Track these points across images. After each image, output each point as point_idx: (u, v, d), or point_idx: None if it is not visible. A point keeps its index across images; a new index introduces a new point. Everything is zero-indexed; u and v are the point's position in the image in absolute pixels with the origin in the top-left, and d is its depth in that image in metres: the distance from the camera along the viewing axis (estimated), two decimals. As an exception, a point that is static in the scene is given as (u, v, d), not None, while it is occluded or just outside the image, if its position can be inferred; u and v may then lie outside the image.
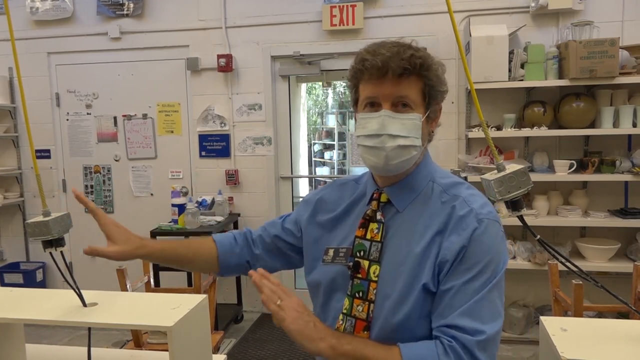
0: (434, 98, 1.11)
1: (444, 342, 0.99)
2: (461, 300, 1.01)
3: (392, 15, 3.69)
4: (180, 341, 1.00)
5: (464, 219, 1.04)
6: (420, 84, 1.08)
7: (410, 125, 1.07)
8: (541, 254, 3.32)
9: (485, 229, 1.03)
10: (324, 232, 1.24)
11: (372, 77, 1.06)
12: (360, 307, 1.11)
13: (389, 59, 1.03)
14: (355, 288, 1.12)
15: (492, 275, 1.02)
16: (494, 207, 1.10)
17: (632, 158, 3.30)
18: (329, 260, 1.18)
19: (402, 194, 1.14)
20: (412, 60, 1.04)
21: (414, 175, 1.14)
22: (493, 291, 1.02)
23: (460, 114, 3.66)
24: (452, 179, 1.16)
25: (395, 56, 1.03)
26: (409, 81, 1.06)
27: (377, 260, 1.10)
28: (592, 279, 0.94)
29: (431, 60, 1.08)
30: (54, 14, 4.13)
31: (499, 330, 1.02)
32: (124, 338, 3.51)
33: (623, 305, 0.97)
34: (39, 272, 4.30)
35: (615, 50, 3.07)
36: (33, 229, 1.08)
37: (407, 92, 1.06)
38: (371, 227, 1.14)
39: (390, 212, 1.14)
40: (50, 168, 4.31)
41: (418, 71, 1.06)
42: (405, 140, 1.06)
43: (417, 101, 1.08)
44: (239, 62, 3.95)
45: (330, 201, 1.27)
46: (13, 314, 1.08)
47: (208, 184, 4.08)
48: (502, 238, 1.07)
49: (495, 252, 1.03)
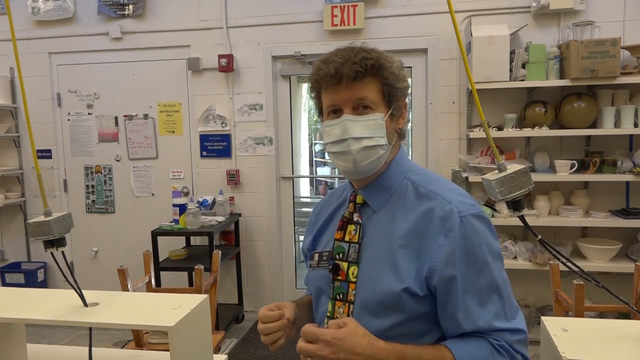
0: (394, 96, 1.11)
1: (492, 342, 1.01)
2: (480, 301, 1.01)
3: (393, 15, 3.69)
4: (181, 341, 1.00)
5: (447, 220, 1.03)
6: (377, 83, 1.08)
7: (372, 126, 1.07)
8: (542, 254, 3.32)
9: (472, 226, 1.03)
10: (317, 238, 1.26)
11: (328, 85, 1.08)
12: (341, 309, 1.11)
13: (342, 65, 1.05)
14: (336, 290, 1.13)
15: (495, 268, 1.03)
16: (478, 202, 1.10)
17: (633, 158, 3.30)
18: (315, 264, 1.20)
19: (376, 194, 1.14)
20: (363, 62, 1.05)
21: (387, 174, 1.14)
22: (506, 285, 1.05)
23: (461, 114, 3.66)
24: (426, 175, 1.15)
25: (348, 61, 1.05)
26: (365, 83, 1.07)
27: (356, 261, 1.11)
28: (593, 279, 0.93)
29: (384, 59, 1.08)
30: (55, 14, 4.14)
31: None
32: (125, 338, 3.52)
33: (624, 306, 0.97)
34: (40, 272, 4.31)
35: (617, 50, 3.06)
36: (34, 228, 1.08)
37: (365, 93, 1.07)
38: (349, 229, 1.14)
39: (367, 212, 1.14)
40: (52, 168, 4.32)
41: (371, 72, 1.07)
42: (370, 140, 1.07)
43: (376, 101, 1.09)
44: (240, 62, 3.95)
45: (325, 208, 1.29)
46: (14, 314, 1.08)
47: (209, 184, 4.08)
48: (490, 229, 1.07)
49: (487, 244, 1.04)
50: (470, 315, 1.01)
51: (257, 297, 4.12)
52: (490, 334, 1.02)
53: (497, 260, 1.05)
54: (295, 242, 4.22)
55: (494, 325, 1.01)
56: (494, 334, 1.02)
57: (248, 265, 4.12)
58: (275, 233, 4.04)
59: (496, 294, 1.02)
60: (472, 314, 1.01)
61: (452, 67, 3.64)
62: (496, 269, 1.04)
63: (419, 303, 1.04)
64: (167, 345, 1.02)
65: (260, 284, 4.13)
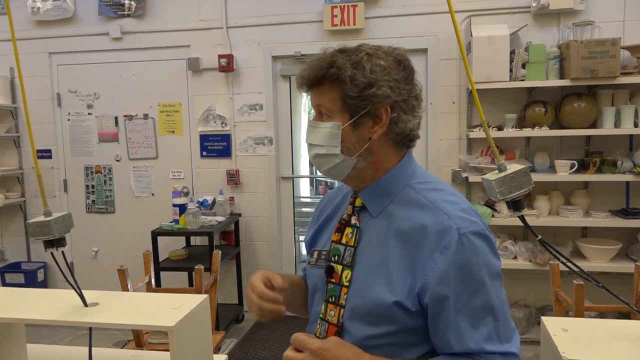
0: (354, 104, 1.03)
1: None
2: (472, 322, 0.98)
3: (393, 15, 3.68)
4: (181, 341, 1.00)
5: (445, 236, 0.99)
6: (335, 91, 1.04)
7: (325, 134, 1.05)
8: (542, 254, 3.32)
9: (471, 244, 0.98)
10: (318, 233, 1.25)
11: (301, 89, 1.10)
12: (332, 312, 1.10)
13: (305, 71, 1.06)
14: (329, 292, 1.11)
15: (493, 289, 1.00)
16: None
17: (633, 158, 3.30)
18: (313, 262, 1.19)
19: (376, 199, 1.10)
20: (322, 70, 1.04)
21: (386, 181, 1.09)
22: (502, 305, 1.01)
23: (461, 114, 3.66)
24: (429, 183, 1.09)
25: (313, 67, 1.05)
26: (322, 90, 1.06)
27: (350, 265, 1.09)
28: (593, 279, 0.93)
29: (349, 65, 1.02)
30: (55, 14, 4.14)
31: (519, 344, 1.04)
32: (125, 338, 3.52)
33: (624, 306, 0.97)
34: (40, 272, 4.31)
35: (617, 50, 3.06)
36: (34, 228, 1.08)
37: (321, 100, 1.06)
38: (346, 232, 1.12)
39: (365, 216, 1.11)
40: (52, 168, 4.32)
41: (330, 79, 1.03)
42: (320, 149, 1.06)
43: (333, 109, 1.05)
44: (240, 62, 3.95)
45: (329, 204, 1.27)
46: (14, 314, 1.08)
47: (209, 184, 4.08)
48: (491, 247, 1.02)
49: (486, 264, 1.00)
50: (461, 336, 0.98)
51: (257, 297, 4.11)
52: (481, 356, 0.99)
53: (496, 280, 1.01)
54: (295, 242, 4.21)
55: (485, 348, 0.98)
56: (485, 357, 0.99)
57: (248, 265, 4.11)
58: (275, 233, 4.04)
59: (491, 316, 0.99)
60: (463, 335, 0.98)
61: (452, 67, 3.64)
62: (493, 290, 1.00)
63: (410, 317, 1.01)
64: (167, 345, 1.02)
65: (260, 284, 4.13)
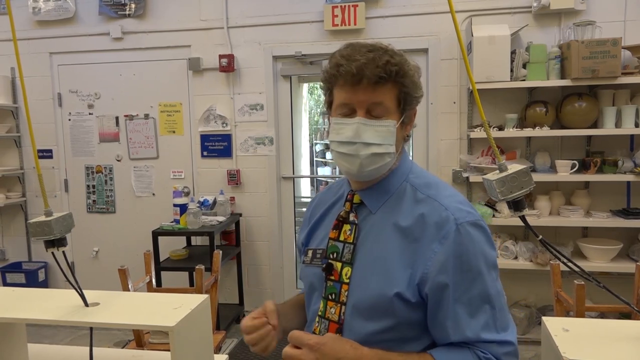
0: (409, 104, 1.08)
1: (478, 354, 1.00)
2: (470, 310, 1.00)
3: (394, 15, 3.68)
4: (182, 341, 1.00)
5: (443, 227, 1.01)
6: (395, 90, 1.05)
7: (384, 133, 1.05)
8: (543, 254, 3.32)
9: (468, 234, 1.01)
10: (312, 233, 1.25)
11: (346, 83, 1.04)
12: (332, 310, 1.11)
13: (364, 66, 1.00)
14: (329, 290, 1.12)
15: (489, 278, 1.02)
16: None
17: (634, 158, 3.30)
18: (308, 261, 1.19)
19: (375, 196, 1.12)
20: (387, 67, 1.01)
21: (388, 178, 1.12)
22: (499, 295, 1.02)
23: (462, 114, 3.66)
24: (426, 178, 1.13)
25: (371, 63, 1.01)
26: (384, 88, 1.03)
27: (350, 262, 1.09)
28: (594, 279, 0.93)
29: (407, 66, 1.05)
30: (56, 14, 4.14)
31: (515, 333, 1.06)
32: (125, 338, 3.52)
33: (625, 306, 0.97)
34: (41, 272, 4.31)
35: (618, 50, 3.06)
36: (35, 228, 1.08)
37: (382, 99, 1.04)
38: (344, 229, 1.13)
39: (363, 213, 1.13)
40: (52, 168, 4.32)
41: (394, 78, 1.03)
42: (379, 147, 1.05)
43: (391, 108, 1.05)
44: (241, 62, 3.95)
45: (321, 203, 1.27)
46: (15, 314, 1.08)
47: (210, 184, 4.08)
48: (487, 238, 1.05)
49: (483, 254, 1.02)
50: (459, 325, 1.00)
51: (258, 297, 4.12)
52: (478, 345, 1.00)
53: (492, 270, 1.03)
54: (295, 242, 4.22)
55: (482, 336, 1.00)
56: (481, 346, 1.00)
57: (249, 265, 4.12)
58: (275, 233, 4.04)
59: (488, 305, 1.01)
60: (461, 324, 1.00)
61: (452, 67, 3.64)
62: (490, 279, 1.02)
63: (411, 309, 1.03)
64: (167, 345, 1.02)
65: (260, 284, 4.13)
